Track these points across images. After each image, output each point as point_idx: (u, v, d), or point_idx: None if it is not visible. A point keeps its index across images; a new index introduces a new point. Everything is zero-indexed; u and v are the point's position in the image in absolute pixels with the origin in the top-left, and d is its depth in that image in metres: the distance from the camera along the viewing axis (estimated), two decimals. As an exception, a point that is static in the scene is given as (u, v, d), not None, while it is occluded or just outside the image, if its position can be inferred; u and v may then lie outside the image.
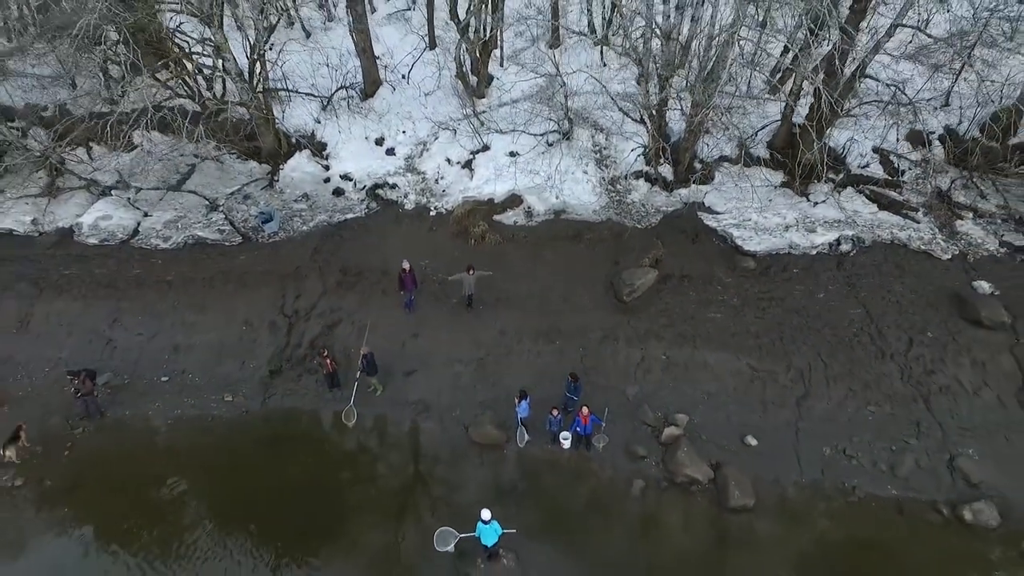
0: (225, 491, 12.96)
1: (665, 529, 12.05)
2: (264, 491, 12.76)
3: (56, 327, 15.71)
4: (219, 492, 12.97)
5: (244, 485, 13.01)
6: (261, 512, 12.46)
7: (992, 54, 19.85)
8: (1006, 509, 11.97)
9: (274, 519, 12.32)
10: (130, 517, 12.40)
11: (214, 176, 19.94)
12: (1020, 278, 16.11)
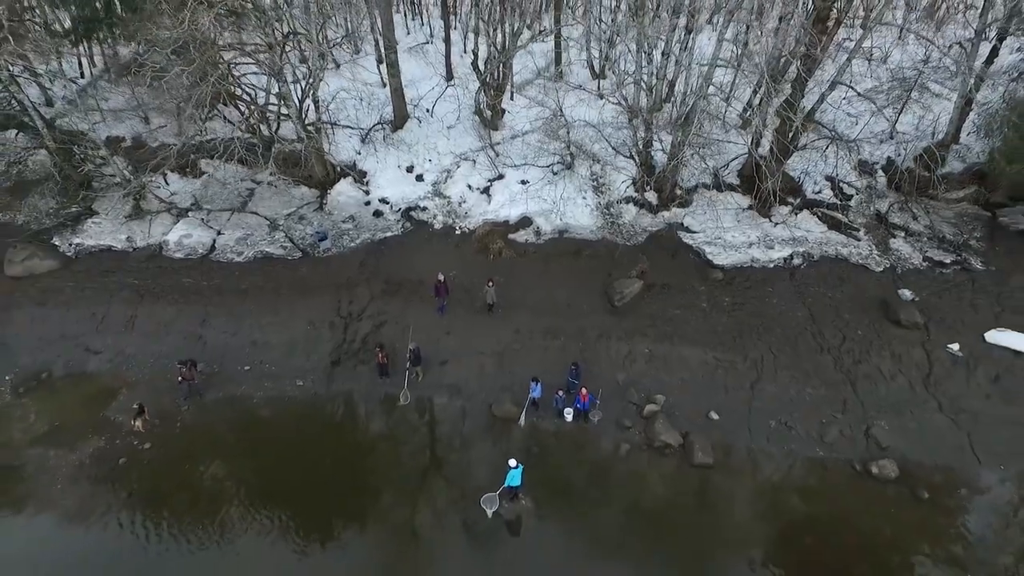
0: (302, 454, 16.59)
1: (645, 481, 15.74)
2: (332, 454, 16.44)
3: (156, 327, 19.41)
4: (297, 455, 16.59)
5: (316, 450, 16.68)
6: (331, 468, 16.11)
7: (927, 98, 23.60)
8: (904, 465, 15.68)
9: (341, 473, 15.94)
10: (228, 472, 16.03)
11: (271, 199, 23.67)
12: (936, 287, 19.89)
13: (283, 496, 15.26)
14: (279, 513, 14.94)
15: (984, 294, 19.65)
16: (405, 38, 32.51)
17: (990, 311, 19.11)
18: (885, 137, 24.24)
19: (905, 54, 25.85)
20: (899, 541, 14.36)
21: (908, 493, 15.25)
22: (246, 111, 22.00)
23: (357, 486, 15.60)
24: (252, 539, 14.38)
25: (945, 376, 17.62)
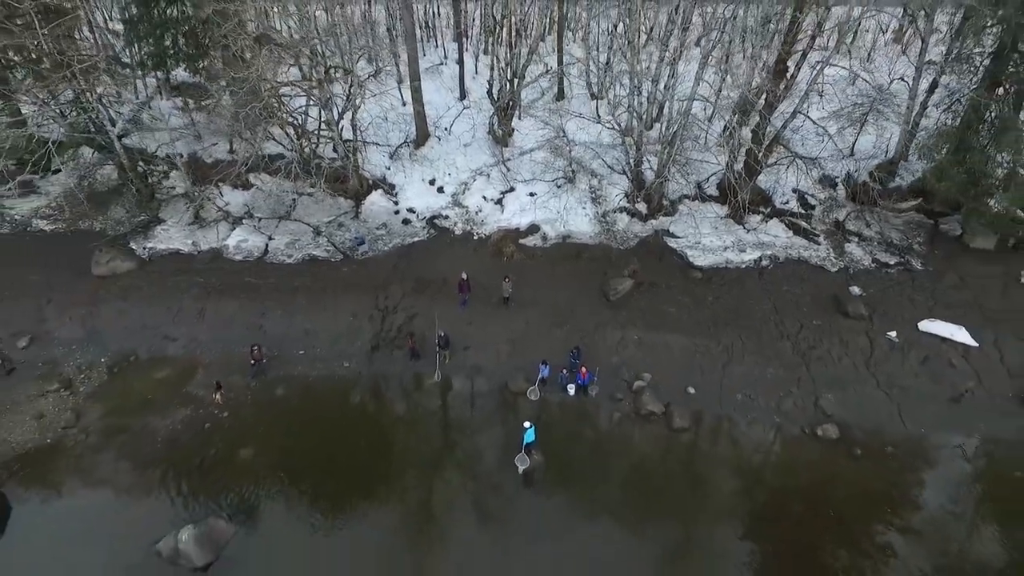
0: (350, 420, 20.17)
1: (633, 441, 19.33)
2: (373, 420, 20.04)
3: (223, 318, 23.00)
4: (346, 421, 20.16)
5: (361, 417, 20.26)
6: (373, 431, 19.70)
7: (880, 122, 27.15)
8: (844, 429, 19.29)
9: (381, 435, 19.52)
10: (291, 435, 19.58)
11: (311, 209, 27.27)
12: (881, 284, 23.52)
13: (337, 451, 18.87)
14: (334, 464, 18.52)
15: (921, 290, 23.28)
16: (420, 60, 36.07)
17: (925, 305, 22.74)
18: (846, 155, 27.89)
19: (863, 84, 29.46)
20: (836, 486, 17.96)
21: (845, 450, 18.86)
22: (293, 133, 25.49)
23: (395, 445, 19.21)
24: (315, 484, 17.97)
25: (883, 358, 21.24)
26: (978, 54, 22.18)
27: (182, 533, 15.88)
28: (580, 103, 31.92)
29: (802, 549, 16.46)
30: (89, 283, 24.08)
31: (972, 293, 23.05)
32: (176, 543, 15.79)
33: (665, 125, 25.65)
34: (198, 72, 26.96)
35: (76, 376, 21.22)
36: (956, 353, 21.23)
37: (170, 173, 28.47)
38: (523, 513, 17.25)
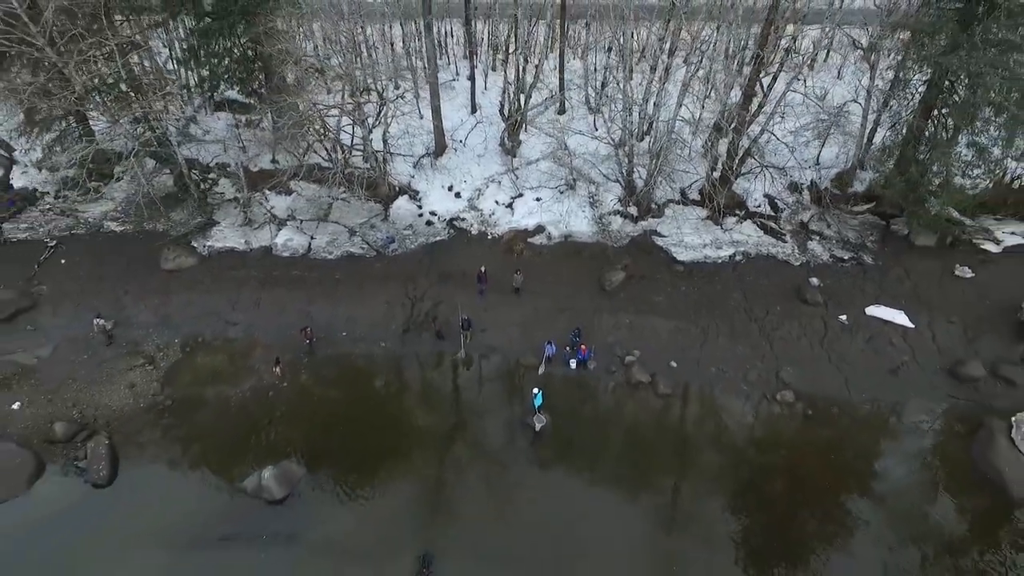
0: (388, 389, 24.20)
1: (625, 404, 23.35)
2: (407, 389, 24.07)
3: (276, 306, 26.97)
4: (384, 389, 24.19)
5: (397, 386, 24.29)
6: (409, 398, 23.74)
7: (839, 136, 31.15)
8: (799, 395, 23.30)
9: (416, 401, 23.56)
10: (339, 401, 23.58)
11: (345, 211, 31.21)
12: (836, 276, 27.56)
13: (379, 411, 23.01)
14: (377, 421, 22.57)
15: (870, 281, 27.34)
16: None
17: (872, 293, 26.79)
18: (812, 164, 31.92)
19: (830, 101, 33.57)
20: (790, 438, 22.02)
21: (800, 412, 22.92)
22: (331, 147, 29.41)
23: (425, 408, 23.29)
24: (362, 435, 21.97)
25: (835, 338, 25.29)
26: (916, 82, 26.22)
27: (264, 472, 19.91)
28: (579, 116, 35.89)
29: (756, 483, 20.54)
30: (159, 276, 28.05)
31: (913, 284, 27.11)
32: (259, 480, 19.82)
33: (653, 139, 29.71)
34: (250, 95, 30.86)
35: (156, 354, 25.22)
36: (896, 333, 25.30)
37: (219, 180, 32.51)
38: (536, 458, 21.32)
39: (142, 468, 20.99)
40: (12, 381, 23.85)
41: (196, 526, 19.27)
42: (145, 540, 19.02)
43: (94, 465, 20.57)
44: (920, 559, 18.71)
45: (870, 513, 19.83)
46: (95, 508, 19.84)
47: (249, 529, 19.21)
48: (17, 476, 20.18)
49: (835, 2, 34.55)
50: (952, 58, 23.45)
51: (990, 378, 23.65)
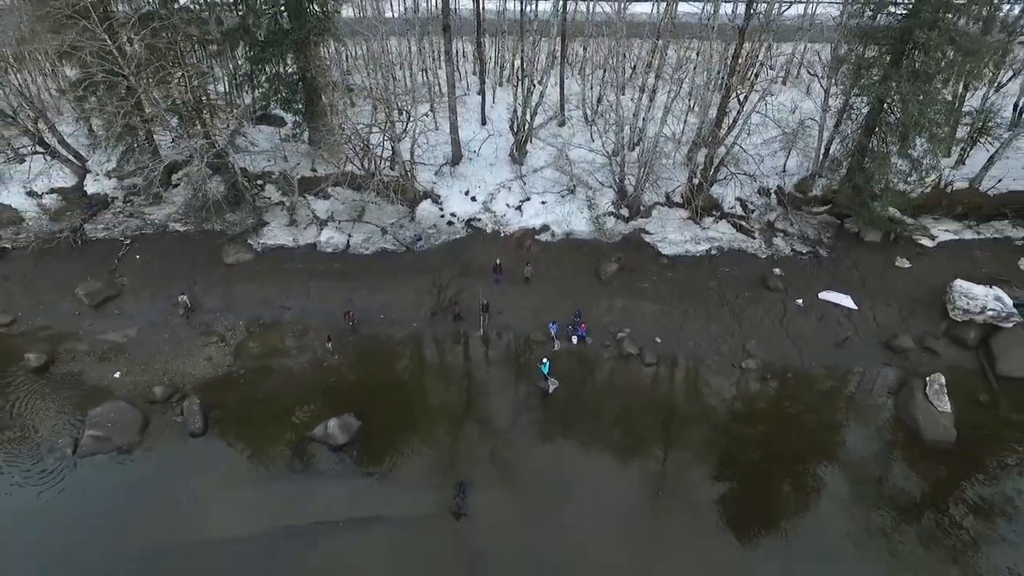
0: (419, 361, 29.18)
1: (617, 371, 28.37)
2: (436, 360, 29.05)
3: (323, 294, 31.88)
4: (416, 362, 29.17)
5: (426, 358, 29.26)
6: (437, 367, 28.72)
7: (802, 147, 36.20)
8: (760, 363, 28.39)
9: (443, 370, 28.55)
10: (380, 369, 28.53)
11: (377, 213, 36.11)
12: (796, 267, 32.61)
13: (413, 377, 27.97)
14: (412, 384, 27.59)
15: (824, 271, 32.42)
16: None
17: (825, 280, 31.86)
18: (779, 171, 36.99)
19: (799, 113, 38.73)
20: (751, 396, 27.10)
21: (760, 376, 28.01)
22: (364, 156, 34.27)
23: (451, 376, 28.30)
24: (401, 396, 26.95)
25: (792, 318, 30.37)
26: (859, 105, 31.31)
27: (329, 422, 24.85)
28: (578, 129, 40.90)
29: (723, 427, 25.62)
30: (221, 269, 32.93)
31: (860, 273, 32.20)
32: (325, 429, 24.76)
33: (641, 151, 34.73)
34: (296, 113, 35.76)
35: (225, 333, 30.13)
36: (843, 314, 30.40)
37: (265, 186, 37.39)
38: (546, 413, 26.37)
39: (228, 421, 25.90)
40: (110, 355, 28.77)
41: (276, 465, 24.21)
42: (235, 476, 23.95)
43: (190, 419, 25.46)
44: (850, 482, 23.77)
45: (813, 450, 24.90)
46: (193, 452, 24.74)
47: (318, 467, 24.15)
48: (131, 428, 25.07)
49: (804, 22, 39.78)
50: (885, 87, 28.57)
51: (917, 349, 28.81)
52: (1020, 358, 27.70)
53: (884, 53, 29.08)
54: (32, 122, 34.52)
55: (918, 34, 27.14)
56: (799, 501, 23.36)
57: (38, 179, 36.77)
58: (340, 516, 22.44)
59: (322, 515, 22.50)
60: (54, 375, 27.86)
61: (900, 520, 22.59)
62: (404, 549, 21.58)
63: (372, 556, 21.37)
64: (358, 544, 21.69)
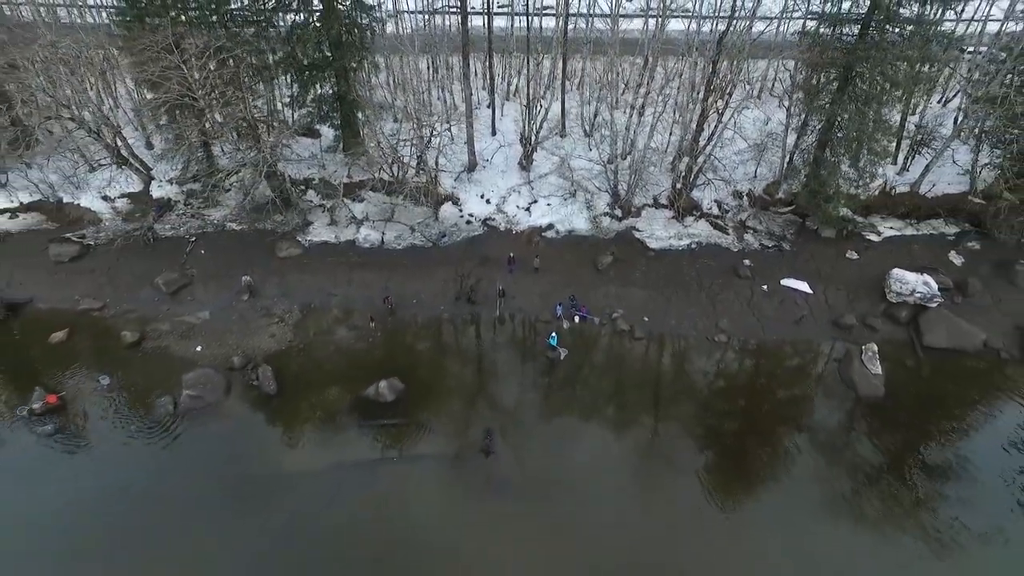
0: (445, 336, 35.03)
1: (612, 344, 34.31)
2: (462, 336, 34.94)
3: (363, 283, 37.67)
4: (443, 337, 35.02)
5: (452, 333, 35.13)
6: (462, 342, 34.59)
7: (768, 157, 42.20)
8: (729, 336, 34.39)
9: (466, 345, 34.43)
10: (415, 343, 34.36)
11: (405, 214, 41.91)
12: (762, 258, 38.61)
13: (442, 349, 33.86)
14: (443, 353, 33.46)
15: (786, 262, 38.41)
16: (460, 105, 50.72)
17: (786, 270, 37.85)
18: (751, 177, 42.99)
19: (771, 125, 44.77)
20: (722, 361, 33.10)
21: (729, 346, 34.01)
22: (396, 166, 40.07)
23: (473, 349, 34.19)
24: (434, 362, 32.83)
25: (758, 301, 36.36)
26: (814, 122, 37.32)
27: (380, 383, 30.65)
28: (577, 139, 46.82)
29: (697, 385, 31.61)
30: (275, 262, 38.68)
31: (816, 263, 38.23)
32: (377, 389, 30.56)
33: (632, 160, 40.66)
34: (335, 128, 41.52)
35: (284, 315, 35.89)
36: (800, 297, 36.40)
37: (307, 191, 43.15)
38: (555, 375, 32.32)
39: (295, 384, 31.67)
40: (189, 333, 34.50)
41: (339, 418, 30.02)
42: (305, 427, 29.74)
43: (264, 383, 31.24)
44: (797, 426, 29.77)
45: (770, 402, 30.90)
46: (269, 408, 30.52)
47: (373, 419, 29.94)
48: (218, 389, 30.85)
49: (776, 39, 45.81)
50: (834, 109, 34.59)
51: (860, 325, 34.87)
52: (942, 332, 33.78)
53: (832, 80, 35.09)
54: (111, 137, 40.12)
55: (858, 67, 33.18)
56: (755, 435, 29.33)
57: (111, 185, 42.43)
58: (392, 456, 28.30)
59: (378, 455, 28.35)
60: (146, 349, 33.59)
61: (835, 454, 28.62)
62: (446, 479, 27.47)
63: (420, 485, 27.23)
64: (409, 476, 27.55)
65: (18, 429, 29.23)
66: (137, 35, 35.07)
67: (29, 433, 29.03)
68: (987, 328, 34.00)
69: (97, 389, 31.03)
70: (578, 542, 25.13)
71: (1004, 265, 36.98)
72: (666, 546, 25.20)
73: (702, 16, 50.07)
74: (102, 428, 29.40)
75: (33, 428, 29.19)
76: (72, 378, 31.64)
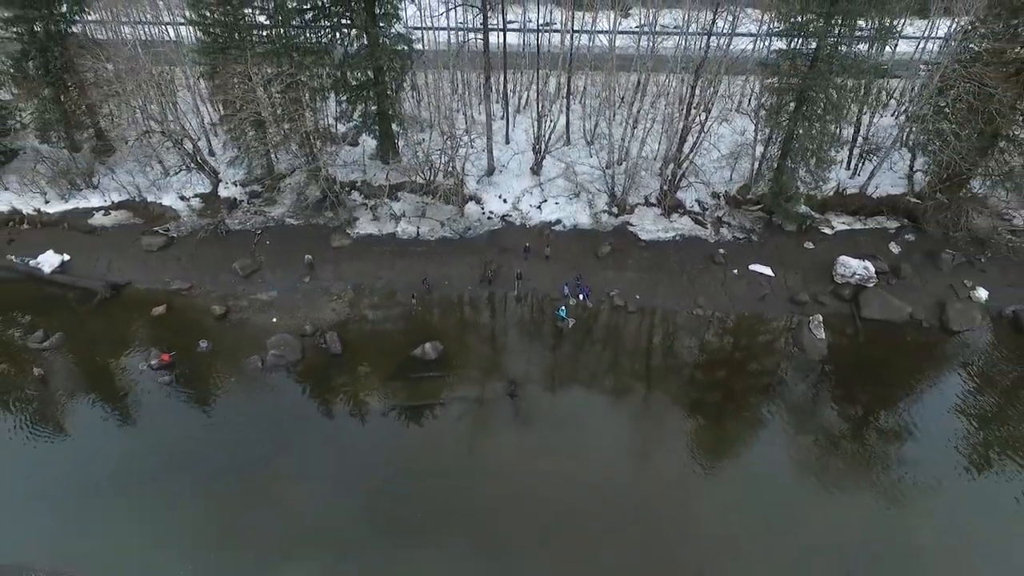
0: (473, 310, 42.86)
1: (610, 317, 42.17)
2: (486, 310, 42.79)
3: (404, 268, 45.46)
4: (470, 308, 42.85)
5: (479, 309, 42.97)
6: (485, 314, 42.44)
7: (741, 163, 50.05)
8: (705, 310, 42.30)
9: (490, 317, 42.28)
10: (450, 313, 42.17)
11: (435, 211, 49.68)
12: (734, 248, 46.50)
13: (471, 318, 41.74)
14: (473, 319, 41.34)
15: (754, 251, 46.29)
16: (477, 115, 58.56)
17: (754, 257, 45.72)
18: (727, 180, 50.88)
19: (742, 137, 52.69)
20: (698, 330, 41.01)
21: (706, 318, 41.91)
22: (428, 170, 47.83)
23: (497, 319, 42.07)
24: (465, 327, 40.69)
25: (730, 282, 44.23)
26: (777, 135, 45.19)
27: (425, 345, 38.48)
28: (580, 147, 54.69)
29: (676, 347, 39.53)
30: (330, 251, 46.44)
31: (779, 252, 46.12)
32: (423, 349, 38.39)
33: (627, 165, 48.52)
34: (376, 138, 49.36)
35: (340, 293, 43.68)
36: (764, 279, 44.29)
37: (351, 191, 50.95)
38: (565, 339, 40.21)
39: (356, 347, 39.47)
40: (264, 308, 42.28)
41: (394, 372, 37.81)
42: (367, 379, 37.55)
43: (331, 346, 39.02)
44: (757, 379, 37.68)
45: (736, 360, 38.82)
46: (337, 365, 38.29)
47: (420, 372, 37.72)
48: (295, 350, 38.62)
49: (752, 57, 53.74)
50: (791, 125, 42.50)
51: (811, 302, 42.76)
52: (877, 306, 41.71)
53: (789, 102, 42.99)
54: (191, 147, 47.84)
55: (808, 93, 41.10)
56: (723, 383, 37.30)
57: (186, 187, 50.19)
58: (434, 399, 36.12)
59: (426, 399, 36.16)
60: (232, 320, 41.39)
61: (785, 401, 36.56)
62: (480, 416, 35.33)
63: (459, 421, 35.06)
64: (449, 415, 35.38)
65: (142, 379, 37.01)
66: (220, 65, 42.82)
67: (151, 382, 36.83)
68: (913, 303, 41.99)
69: (199, 350, 38.77)
70: (582, 462, 32.95)
71: (932, 253, 44.94)
72: (653, 463, 33.14)
73: (688, 33, 57.97)
74: (207, 379, 37.22)
75: (154, 379, 36.98)
76: (177, 342, 39.36)
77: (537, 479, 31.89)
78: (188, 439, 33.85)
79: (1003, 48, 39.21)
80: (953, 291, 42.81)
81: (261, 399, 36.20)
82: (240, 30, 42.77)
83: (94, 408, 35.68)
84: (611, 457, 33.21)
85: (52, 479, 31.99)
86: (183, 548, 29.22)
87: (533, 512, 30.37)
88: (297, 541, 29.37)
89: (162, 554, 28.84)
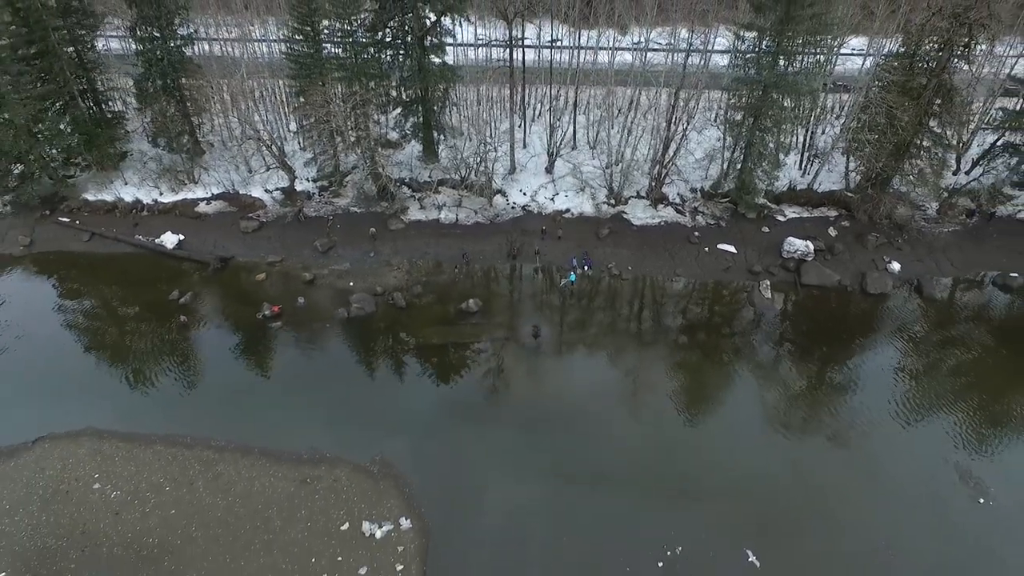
0: (502, 278, 55.35)
1: (609, 283, 54.63)
2: (513, 277, 55.31)
3: (447, 246, 57.86)
4: (500, 278, 55.32)
5: (507, 276, 55.47)
6: (512, 280, 54.95)
7: (715, 165, 62.52)
8: (683, 278, 54.83)
9: (514, 282, 54.77)
10: (485, 279, 54.58)
11: (469, 202, 62.11)
12: (707, 231, 58.96)
13: (498, 283, 54.39)
14: (501, 284, 53.97)
15: (722, 234, 58.69)
16: (497, 123, 71.01)
17: (721, 238, 58.13)
18: (704, 177, 63.33)
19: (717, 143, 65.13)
20: (677, 293, 53.55)
21: (683, 287, 54.43)
22: (464, 169, 60.27)
23: (518, 283, 54.66)
24: (495, 290, 53.23)
25: (702, 257, 56.67)
26: (741, 140, 57.60)
27: (468, 301, 50.89)
28: (584, 150, 67.22)
29: (658, 308, 52.11)
30: (389, 233, 58.92)
31: (741, 234, 58.58)
32: (468, 304, 50.82)
33: (623, 166, 61.00)
34: (422, 143, 61.92)
35: (399, 265, 56.14)
36: (729, 255, 56.74)
37: (401, 186, 63.51)
38: (572, 299, 52.80)
39: (416, 303, 51.89)
40: (342, 276, 54.73)
41: (445, 318, 50.27)
42: (425, 324, 49.99)
43: (397, 301, 51.34)
44: (720, 331, 50.19)
45: (706, 315, 51.36)
46: (403, 314, 50.72)
47: (466, 320, 50.16)
48: (371, 304, 51.07)
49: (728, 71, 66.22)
50: (749, 135, 55.00)
51: (764, 272, 55.26)
52: (814, 275, 54.16)
53: (747, 116, 55.47)
54: (277, 150, 60.29)
55: (761, 111, 53.61)
56: (694, 330, 49.79)
57: (269, 182, 62.68)
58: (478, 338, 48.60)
59: (469, 338, 48.65)
60: (318, 284, 53.84)
61: (739, 341, 49.11)
62: (511, 350, 47.83)
63: (496, 353, 47.54)
64: (487, 348, 47.88)
65: (258, 327, 49.50)
66: (306, 87, 55.35)
67: (266, 328, 49.31)
68: (842, 273, 54.52)
69: (297, 305, 51.26)
70: (586, 377, 45.50)
71: (860, 236, 57.46)
72: (637, 376, 45.74)
73: (672, 50, 70.43)
74: (308, 325, 49.73)
75: (267, 326, 49.47)
76: (280, 299, 51.82)
77: (553, 388, 44.42)
78: (302, 362, 46.42)
79: (907, 79, 51.71)
80: (874, 264, 55.38)
81: (347, 340, 48.70)
82: (321, 61, 55.28)
83: (227, 342, 48.19)
84: (607, 374, 45.73)
85: (212, 387, 44.60)
86: (314, 423, 41.51)
87: (551, 408, 42.88)
88: (395, 423, 41.80)
89: (299, 428, 41.22)
